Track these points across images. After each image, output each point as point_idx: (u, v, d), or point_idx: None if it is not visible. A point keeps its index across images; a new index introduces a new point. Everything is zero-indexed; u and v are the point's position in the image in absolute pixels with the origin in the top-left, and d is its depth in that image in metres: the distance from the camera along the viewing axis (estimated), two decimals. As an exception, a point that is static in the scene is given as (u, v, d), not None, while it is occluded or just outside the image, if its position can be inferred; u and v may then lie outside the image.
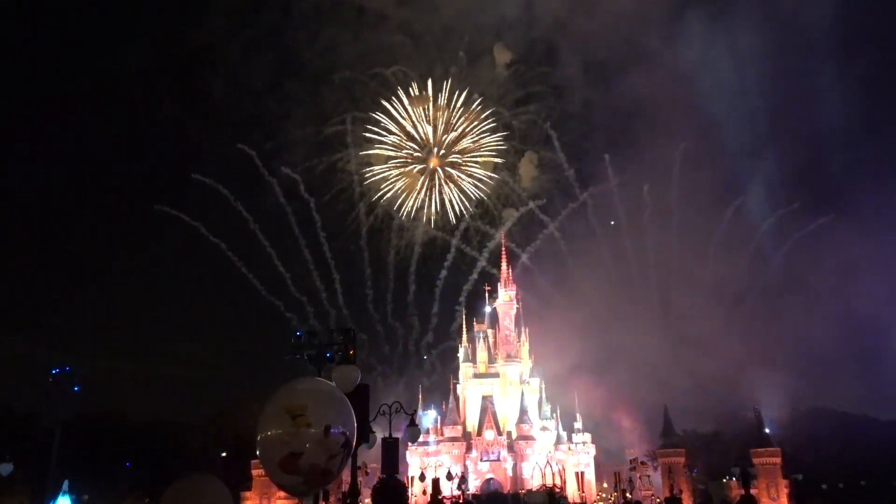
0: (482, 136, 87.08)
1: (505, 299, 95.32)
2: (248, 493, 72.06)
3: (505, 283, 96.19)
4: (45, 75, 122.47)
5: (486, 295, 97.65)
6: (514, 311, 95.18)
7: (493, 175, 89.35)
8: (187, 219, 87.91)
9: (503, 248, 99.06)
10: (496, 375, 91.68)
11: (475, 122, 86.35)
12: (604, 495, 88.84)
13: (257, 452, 5.38)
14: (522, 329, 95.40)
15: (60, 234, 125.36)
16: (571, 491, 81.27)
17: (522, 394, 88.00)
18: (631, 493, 75.00)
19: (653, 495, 75.47)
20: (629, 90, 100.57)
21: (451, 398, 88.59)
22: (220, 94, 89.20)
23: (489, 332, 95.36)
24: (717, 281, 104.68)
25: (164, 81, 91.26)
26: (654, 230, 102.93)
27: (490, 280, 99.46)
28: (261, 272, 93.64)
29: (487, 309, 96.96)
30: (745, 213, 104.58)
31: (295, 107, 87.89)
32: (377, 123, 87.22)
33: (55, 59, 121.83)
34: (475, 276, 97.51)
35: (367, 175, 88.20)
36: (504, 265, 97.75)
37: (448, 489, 63.70)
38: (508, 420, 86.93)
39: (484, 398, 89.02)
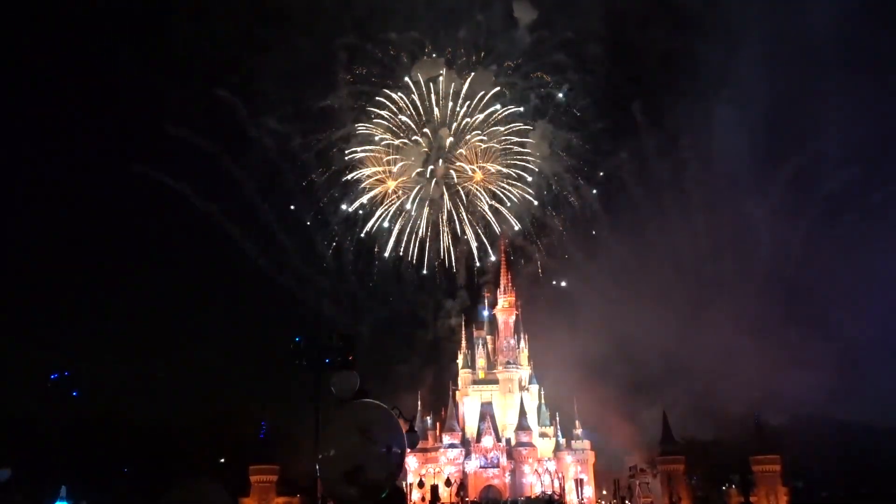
0: (499, 113, 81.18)
1: (504, 305, 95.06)
2: (246, 500, 71.89)
3: (504, 289, 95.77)
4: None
5: (485, 300, 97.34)
6: (514, 316, 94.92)
7: (504, 165, 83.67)
8: (171, 181, 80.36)
9: (502, 253, 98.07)
10: (495, 382, 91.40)
11: (493, 101, 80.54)
12: (603, 502, 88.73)
13: (321, 465, 5.96)
14: (522, 335, 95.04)
15: (48, 227, 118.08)
16: (570, 498, 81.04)
17: (521, 400, 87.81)
18: (630, 501, 74.93)
19: (652, 502, 75.35)
20: (656, 45, 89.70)
21: (451, 404, 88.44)
22: (185, 40, 79.92)
23: (488, 338, 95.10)
24: (741, 276, 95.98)
25: (122, 27, 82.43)
26: (674, 215, 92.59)
27: (489, 285, 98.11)
28: (260, 246, 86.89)
29: (486, 314, 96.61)
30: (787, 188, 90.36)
31: (272, 60, 79.98)
32: (372, 95, 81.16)
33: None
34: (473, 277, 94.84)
35: (364, 154, 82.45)
36: (504, 269, 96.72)
37: (447, 496, 63.62)
38: (507, 426, 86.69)
39: (483, 404, 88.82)
